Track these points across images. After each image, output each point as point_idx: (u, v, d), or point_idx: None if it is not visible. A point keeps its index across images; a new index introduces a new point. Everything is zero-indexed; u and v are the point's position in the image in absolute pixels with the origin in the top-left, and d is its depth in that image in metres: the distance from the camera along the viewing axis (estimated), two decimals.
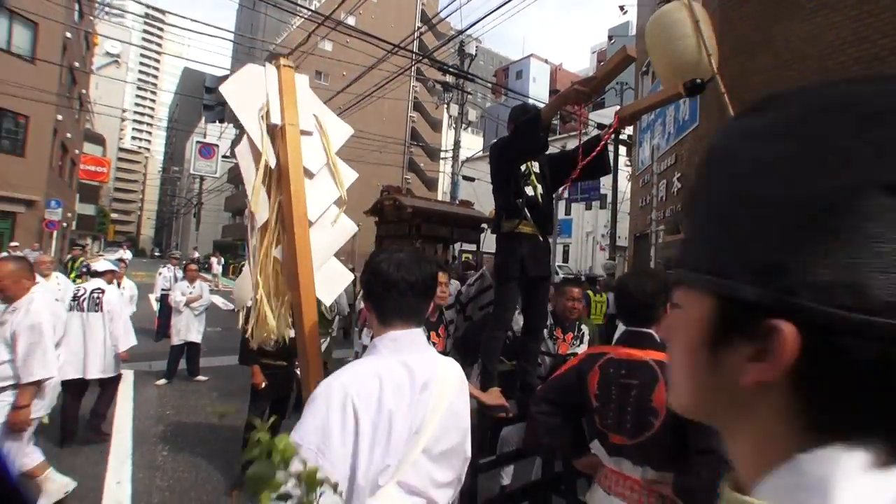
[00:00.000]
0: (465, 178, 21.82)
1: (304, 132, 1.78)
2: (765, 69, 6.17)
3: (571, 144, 3.10)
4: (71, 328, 4.46)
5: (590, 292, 6.99)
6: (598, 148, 2.63)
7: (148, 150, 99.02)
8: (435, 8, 40.29)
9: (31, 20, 15.27)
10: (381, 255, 1.23)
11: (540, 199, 2.78)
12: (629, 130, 15.09)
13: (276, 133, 1.73)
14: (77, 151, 24.08)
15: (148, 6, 17.99)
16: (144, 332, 7.67)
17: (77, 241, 34.23)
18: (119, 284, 6.46)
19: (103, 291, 4.70)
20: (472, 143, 35.23)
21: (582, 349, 3.22)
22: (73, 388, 4.37)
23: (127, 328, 4.72)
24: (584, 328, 3.39)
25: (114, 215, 79.91)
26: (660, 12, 2.35)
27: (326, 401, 1.05)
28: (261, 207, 1.68)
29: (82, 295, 4.68)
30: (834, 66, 5.63)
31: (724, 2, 6.74)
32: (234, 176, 35.06)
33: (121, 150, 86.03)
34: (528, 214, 2.72)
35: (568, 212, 31.49)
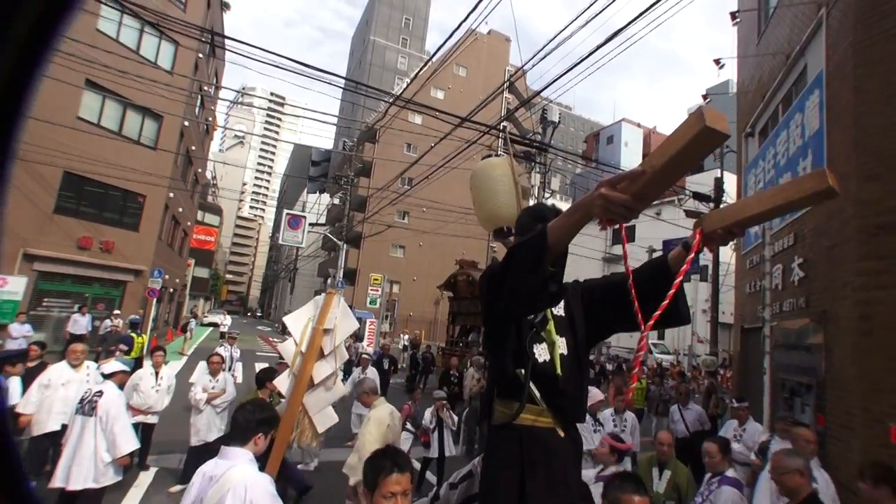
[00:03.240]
0: None
1: (326, 330, 2.96)
2: None
3: (666, 213, 1.97)
4: (72, 433, 4.11)
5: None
6: (673, 290, 1.37)
7: (262, 217, 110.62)
8: (523, 82, 41.22)
9: (158, 114, 17.59)
10: None
11: (559, 368, 1.68)
12: (732, 192, 12.98)
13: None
14: (189, 223, 26.86)
15: (272, 96, 20.04)
16: None
17: (194, 308, 37.98)
18: (157, 374, 6.20)
19: (102, 394, 4.29)
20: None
21: None
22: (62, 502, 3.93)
23: (124, 430, 4.21)
24: None
25: (228, 276, 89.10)
26: (489, 164, 2.47)
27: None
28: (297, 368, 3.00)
29: (86, 397, 4.31)
30: None
31: (862, 40, 5.29)
32: (328, 242, 37.07)
33: (239, 218, 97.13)
34: (538, 395, 1.64)
35: None
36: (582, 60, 7.52)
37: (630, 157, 44.49)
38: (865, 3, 5.33)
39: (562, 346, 1.73)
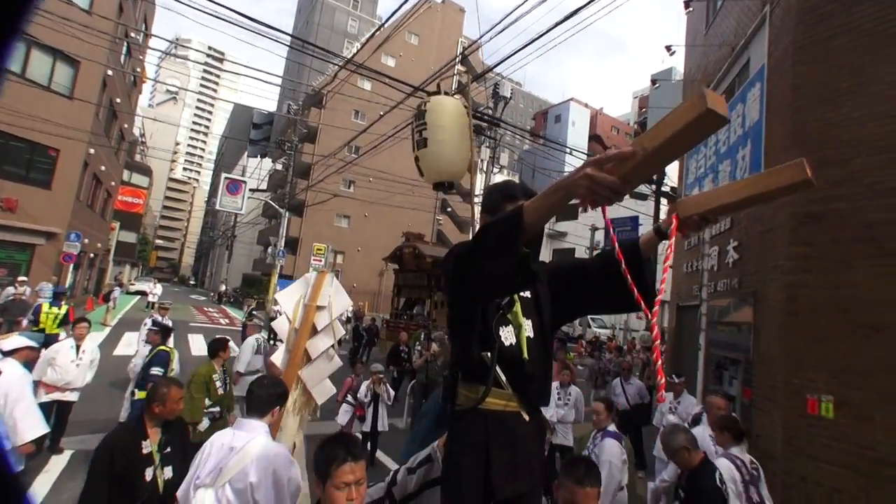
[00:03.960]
0: None
1: (319, 307, 3.08)
2: (853, 121, 4.88)
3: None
4: None
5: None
6: (664, 274, 1.44)
7: (197, 181, 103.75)
8: (477, 54, 40.59)
9: (73, 58, 15.67)
10: None
11: (525, 351, 1.60)
12: (673, 176, 13.63)
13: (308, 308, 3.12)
14: (113, 183, 24.61)
15: (209, 50, 18.36)
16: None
17: (118, 276, 35.10)
18: (79, 348, 5.61)
19: (0, 373, 3.78)
20: None
21: None
22: None
23: (27, 415, 3.73)
24: None
25: (159, 242, 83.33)
26: (440, 104, 2.26)
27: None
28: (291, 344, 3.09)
29: None
30: None
31: (801, 40, 5.52)
32: (269, 209, 35.46)
33: (171, 180, 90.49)
34: (504, 379, 1.56)
35: None
36: (537, 38, 7.40)
37: (577, 137, 45.50)
38: (807, 5, 5.55)
39: (528, 328, 1.65)
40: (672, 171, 13.07)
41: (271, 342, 9.20)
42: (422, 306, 15.76)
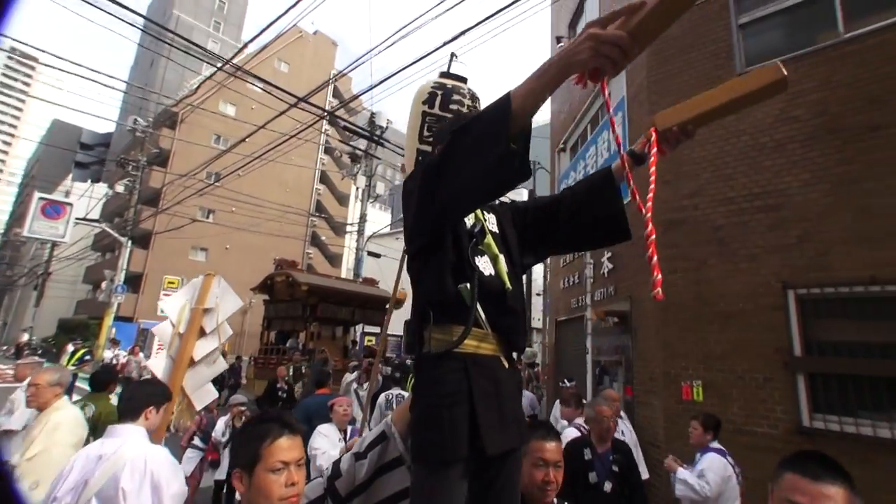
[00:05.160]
0: (370, 254, 20.51)
1: (206, 310, 3.06)
2: (698, 143, 5.77)
3: None
4: None
5: None
6: (652, 185, 1.37)
7: None
8: (348, 85, 40.73)
9: None
10: None
11: (507, 283, 1.43)
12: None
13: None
14: None
15: (16, 45, 15.25)
16: None
17: None
18: None
19: None
20: (379, 219, 34.20)
21: None
22: None
23: None
24: None
25: None
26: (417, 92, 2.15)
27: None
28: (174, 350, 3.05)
29: None
30: (768, 142, 5.32)
31: (653, 76, 6.44)
32: (103, 240, 30.19)
33: None
34: (483, 316, 1.36)
35: None
36: (394, 74, 7.72)
37: None
38: (651, 49, 6.57)
39: (502, 261, 1.47)
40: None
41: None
42: (296, 339, 14.51)
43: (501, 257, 1.46)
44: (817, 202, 4.87)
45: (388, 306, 2.71)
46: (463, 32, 6.82)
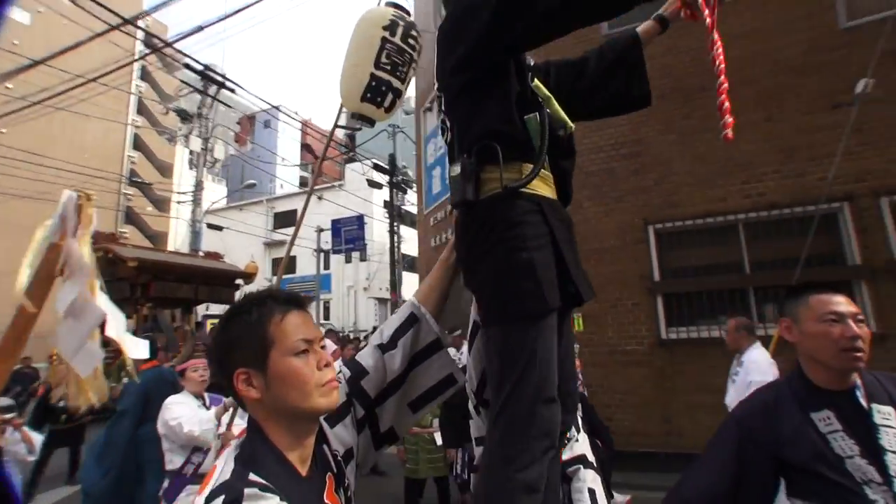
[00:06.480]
0: (211, 226, 18.23)
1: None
2: None
3: None
4: None
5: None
6: (716, 44, 1.38)
7: None
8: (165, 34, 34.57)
9: None
10: None
11: (569, 122, 1.30)
12: (410, 162, 14.62)
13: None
14: None
15: None
16: None
17: None
18: None
19: None
20: (215, 194, 30.17)
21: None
22: None
23: None
24: None
25: None
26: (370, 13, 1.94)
27: None
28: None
29: None
30: None
31: None
32: None
33: None
34: (547, 158, 1.25)
35: (327, 265, 29.81)
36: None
37: (286, 145, 44.61)
38: None
39: (555, 103, 1.32)
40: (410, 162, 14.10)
41: None
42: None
43: (553, 99, 1.31)
44: (668, 150, 5.69)
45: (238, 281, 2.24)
46: None
